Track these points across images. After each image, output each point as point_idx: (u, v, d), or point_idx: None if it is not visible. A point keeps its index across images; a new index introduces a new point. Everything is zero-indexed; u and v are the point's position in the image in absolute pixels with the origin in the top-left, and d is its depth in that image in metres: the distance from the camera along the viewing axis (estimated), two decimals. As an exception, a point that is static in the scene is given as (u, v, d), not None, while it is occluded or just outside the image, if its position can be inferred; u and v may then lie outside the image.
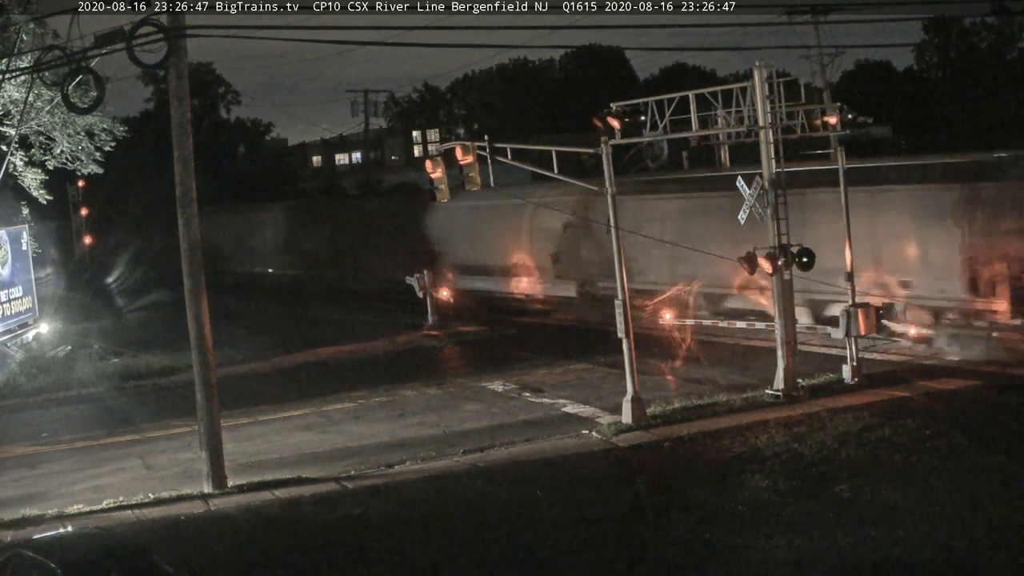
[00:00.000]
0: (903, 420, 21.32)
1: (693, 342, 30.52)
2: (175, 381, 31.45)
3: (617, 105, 25.18)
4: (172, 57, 19.97)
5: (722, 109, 25.89)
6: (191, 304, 20.71)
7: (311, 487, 20.29)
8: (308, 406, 27.84)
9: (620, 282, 23.70)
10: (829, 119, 26.21)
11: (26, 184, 34.70)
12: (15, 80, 29.78)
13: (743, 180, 24.58)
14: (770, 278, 24.86)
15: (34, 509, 19.65)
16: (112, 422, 27.45)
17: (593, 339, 33.22)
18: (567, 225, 38.15)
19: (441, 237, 45.17)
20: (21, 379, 32.57)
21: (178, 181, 20.66)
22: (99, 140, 34.37)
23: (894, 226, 28.73)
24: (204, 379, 20.83)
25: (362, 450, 23.10)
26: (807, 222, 27.38)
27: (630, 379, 23.42)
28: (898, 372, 26.35)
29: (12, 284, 35.16)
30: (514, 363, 31.71)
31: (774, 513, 16.90)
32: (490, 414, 25.71)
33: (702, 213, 33.45)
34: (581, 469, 20.29)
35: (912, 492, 17.30)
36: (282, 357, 35.48)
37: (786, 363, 24.60)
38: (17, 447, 25.53)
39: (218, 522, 18.67)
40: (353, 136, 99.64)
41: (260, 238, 60.78)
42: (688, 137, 27.16)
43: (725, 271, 29.68)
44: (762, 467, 19.24)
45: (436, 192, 26.42)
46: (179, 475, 21.90)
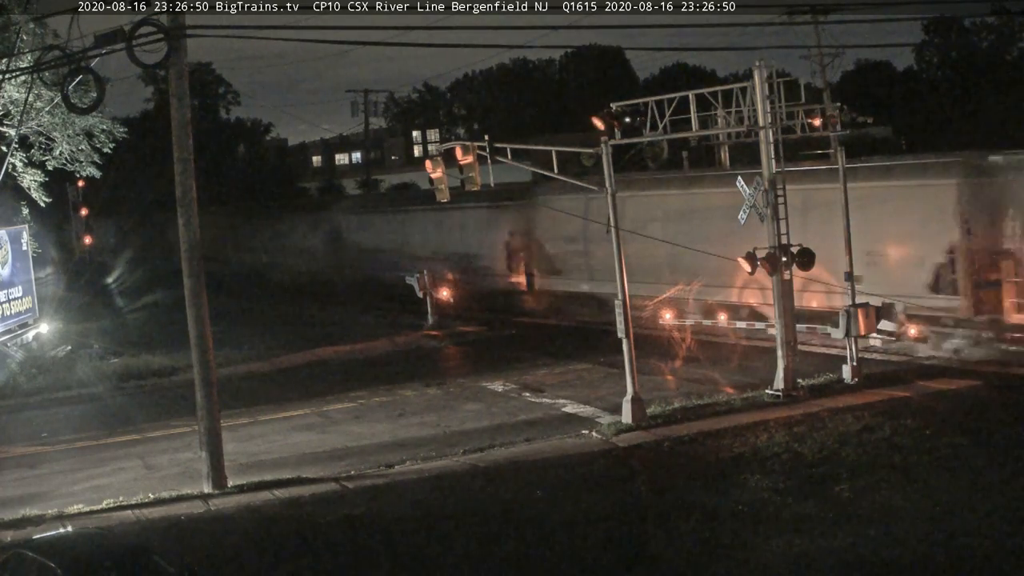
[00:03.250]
0: (903, 420, 21.33)
1: (693, 342, 30.54)
2: (175, 381, 31.45)
3: (617, 105, 25.17)
4: (172, 57, 19.96)
5: (722, 109, 25.90)
6: (191, 304, 20.72)
7: (311, 487, 20.29)
8: (308, 406, 27.84)
9: (620, 282, 23.69)
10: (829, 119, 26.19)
11: (26, 185, 34.71)
12: (15, 80, 29.78)
13: (743, 180, 24.59)
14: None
15: (34, 509, 19.64)
16: (112, 422, 27.44)
17: (593, 339, 33.22)
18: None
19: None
20: (21, 379, 32.57)
21: (178, 181, 20.66)
22: (98, 141, 34.38)
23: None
24: (204, 379, 20.83)
25: (362, 450, 23.10)
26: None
27: (630, 379, 23.42)
28: (898, 372, 26.35)
29: (12, 284, 35.17)
30: (514, 363, 31.72)
31: (774, 513, 16.89)
32: (490, 414, 25.71)
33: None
34: (581, 469, 20.28)
35: (912, 492, 17.30)
36: (282, 357, 35.48)
37: (786, 363, 24.61)
38: (17, 447, 25.53)
39: (218, 522, 18.67)
40: (353, 136, 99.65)
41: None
42: (688, 137, 27.16)
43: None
44: (762, 467, 19.24)
45: (436, 192, 26.42)
46: (179, 475, 21.90)
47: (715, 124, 26.27)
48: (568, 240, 38.67)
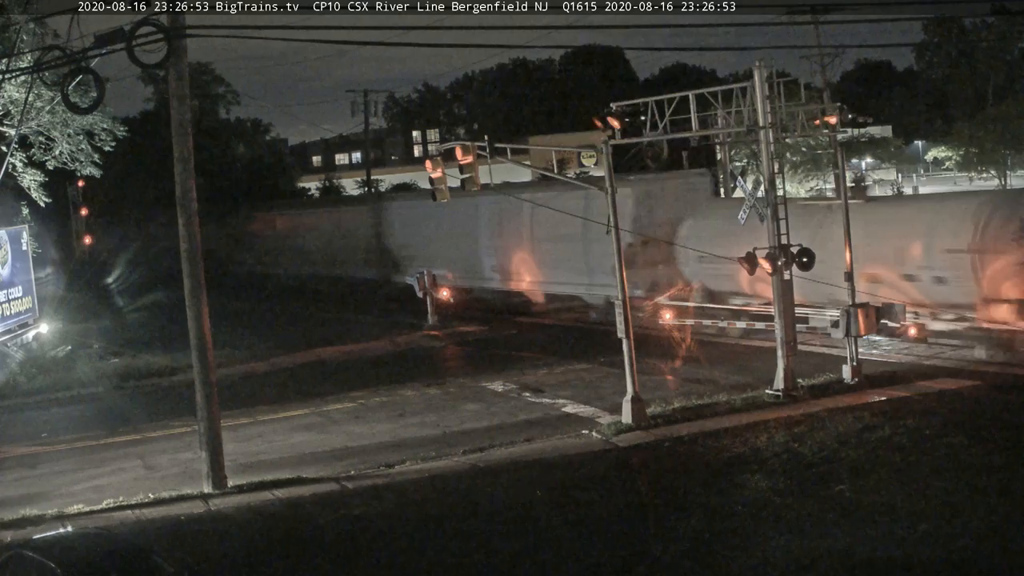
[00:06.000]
0: (903, 420, 21.32)
1: (693, 342, 30.54)
2: (175, 381, 31.44)
3: (617, 105, 25.18)
4: (172, 57, 19.95)
5: (722, 109, 25.90)
6: (191, 304, 20.72)
7: (311, 487, 20.28)
8: (308, 406, 27.84)
9: (620, 282, 23.69)
10: (829, 119, 26.17)
11: (26, 185, 34.70)
12: (15, 80, 29.78)
13: (742, 180, 24.60)
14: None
15: (34, 509, 19.63)
16: (112, 422, 27.43)
17: (593, 339, 33.23)
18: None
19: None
20: (21, 379, 32.54)
21: (178, 181, 20.66)
22: (99, 140, 34.38)
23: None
24: (204, 379, 20.83)
25: (362, 450, 23.10)
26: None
27: (630, 379, 23.42)
28: (898, 372, 26.34)
29: (12, 284, 35.15)
30: (514, 363, 31.71)
31: (774, 513, 16.89)
32: (490, 414, 25.70)
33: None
34: (581, 469, 20.28)
35: (912, 492, 17.29)
36: (282, 357, 35.48)
37: (786, 363, 24.61)
38: (17, 447, 25.51)
39: (218, 522, 18.67)
40: (353, 136, 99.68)
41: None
42: (688, 137, 27.16)
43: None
44: (762, 467, 19.23)
45: (436, 192, 26.38)
46: (179, 475, 21.89)
47: (715, 124, 26.27)
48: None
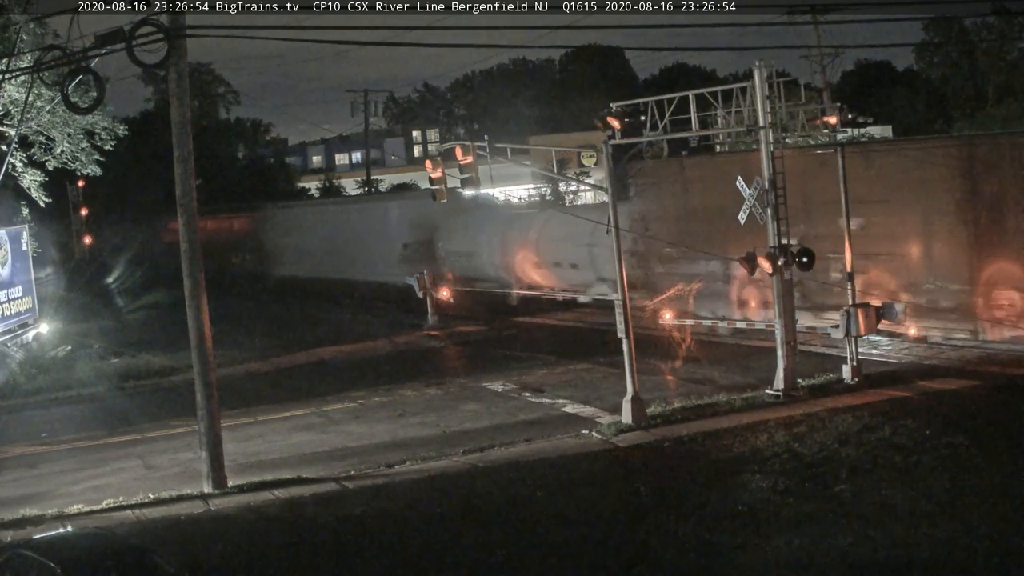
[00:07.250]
0: (903, 420, 21.30)
1: (693, 342, 30.52)
2: (175, 381, 31.46)
3: (617, 105, 25.17)
4: (172, 57, 19.96)
5: (722, 109, 25.89)
6: (191, 304, 20.73)
7: (311, 487, 20.29)
8: (308, 406, 27.84)
9: (620, 282, 23.69)
10: (829, 119, 26.16)
11: (26, 185, 34.73)
12: (15, 80, 29.78)
13: (742, 180, 24.59)
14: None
15: (34, 509, 19.65)
16: (112, 422, 27.45)
17: (593, 339, 33.22)
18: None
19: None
20: (21, 379, 32.58)
21: (178, 181, 20.67)
22: (99, 139, 34.38)
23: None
24: (204, 379, 20.83)
25: (362, 450, 23.10)
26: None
27: (630, 379, 23.41)
28: (898, 372, 26.32)
29: (12, 284, 35.17)
30: (514, 363, 31.71)
31: (774, 513, 16.88)
32: (490, 414, 25.70)
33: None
34: (581, 469, 20.28)
35: (912, 492, 17.29)
36: (282, 357, 35.48)
37: (786, 363, 24.59)
38: (17, 447, 25.53)
39: (218, 522, 18.68)
40: (353, 136, 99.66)
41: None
42: (688, 137, 27.15)
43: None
44: (762, 467, 19.22)
45: (436, 192, 26.39)
46: (179, 475, 21.90)
47: (715, 124, 26.26)
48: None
